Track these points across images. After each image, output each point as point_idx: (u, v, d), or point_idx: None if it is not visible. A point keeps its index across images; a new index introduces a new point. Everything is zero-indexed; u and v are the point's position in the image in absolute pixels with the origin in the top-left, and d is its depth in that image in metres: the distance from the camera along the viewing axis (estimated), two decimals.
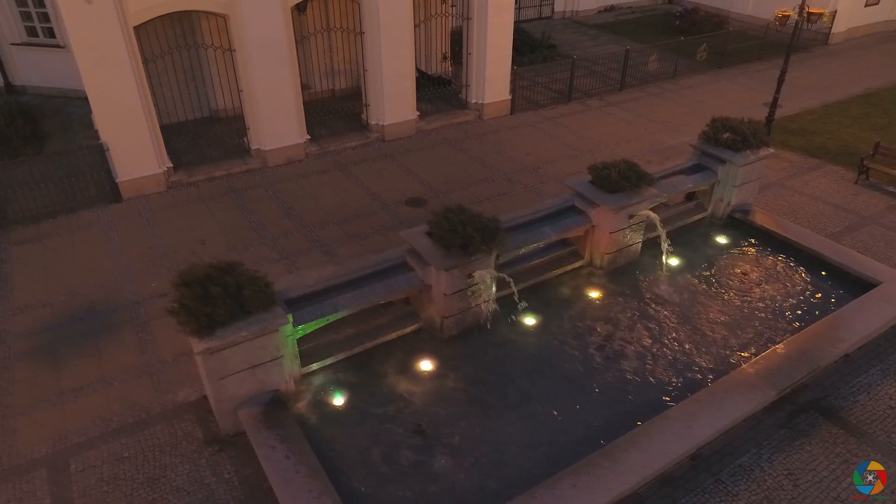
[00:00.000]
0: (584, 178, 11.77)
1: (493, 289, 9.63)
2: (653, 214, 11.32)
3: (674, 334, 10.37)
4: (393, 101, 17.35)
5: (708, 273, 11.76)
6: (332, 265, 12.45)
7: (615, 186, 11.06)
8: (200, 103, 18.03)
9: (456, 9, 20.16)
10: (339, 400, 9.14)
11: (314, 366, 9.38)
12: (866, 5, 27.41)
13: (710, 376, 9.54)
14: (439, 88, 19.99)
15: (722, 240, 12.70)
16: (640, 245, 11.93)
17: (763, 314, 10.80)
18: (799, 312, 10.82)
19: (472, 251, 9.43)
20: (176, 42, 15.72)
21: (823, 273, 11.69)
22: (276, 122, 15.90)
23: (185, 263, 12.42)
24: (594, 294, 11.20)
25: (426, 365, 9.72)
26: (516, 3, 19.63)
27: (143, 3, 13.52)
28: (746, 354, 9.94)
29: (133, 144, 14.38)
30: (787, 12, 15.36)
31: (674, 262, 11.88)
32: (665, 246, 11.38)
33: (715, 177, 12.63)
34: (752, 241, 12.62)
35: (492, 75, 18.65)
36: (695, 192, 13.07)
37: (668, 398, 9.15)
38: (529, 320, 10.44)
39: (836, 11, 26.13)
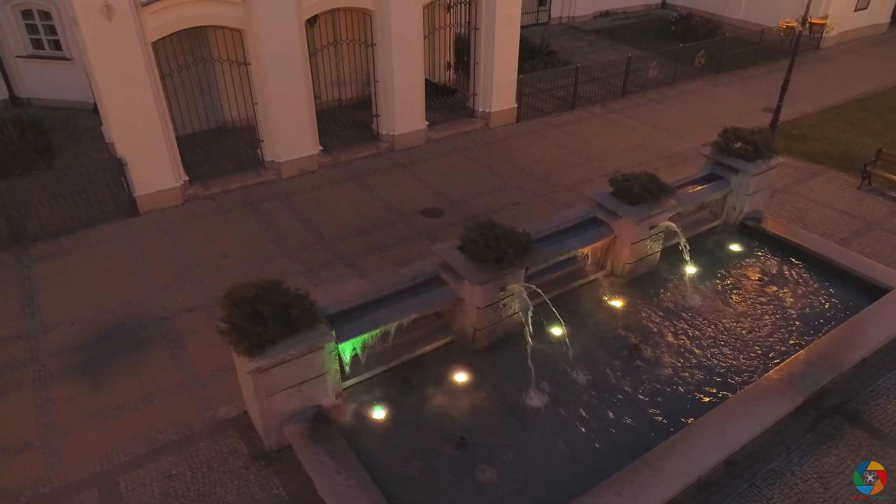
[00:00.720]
0: (604, 189, 12.05)
1: (528, 301, 9.84)
2: (674, 225, 11.62)
3: (699, 341, 10.68)
4: (403, 112, 17.55)
5: (726, 280, 12.09)
6: (358, 278, 12.64)
7: (637, 198, 11.35)
8: (210, 115, 18.09)
9: (457, 18, 20.39)
10: (379, 413, 9.34)
11: (353, 380, 9.57)
12: (855, 10, 28.04)
13: (738, 381, 9.85)
14: (445, 97, 20.23)
15: (736, 247, 13.04)
16: (658, 254, 12.24)
17: (781, 320, 11.14)
18: (815, 318, 11.18)
19: (505, 265, 9.67)
20: (190, 56, 15.77)
21: (836, 279, 12.04)
22: (291, 133, 16.04)
23: (209, 278, 12.73)
24: (618, 303, 11.48)
25: (461, 377, 9.94)
26: None
27: (161, 19, 13.61)
28: (770, 360, 10.26)
29: (151, 159, 14.46)
30: (791, 23, 15.79)
31: (691, 270, 12.18)
32: (686, 256, 11.67)
33: (728, 186, 12.97)
34: (765, 248, 12.97)
35: (499, 84, 18.92)
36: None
37: (699, 405, 9.44)
38: (557, 330, 10.68)
39: (826, 16, 26.69)
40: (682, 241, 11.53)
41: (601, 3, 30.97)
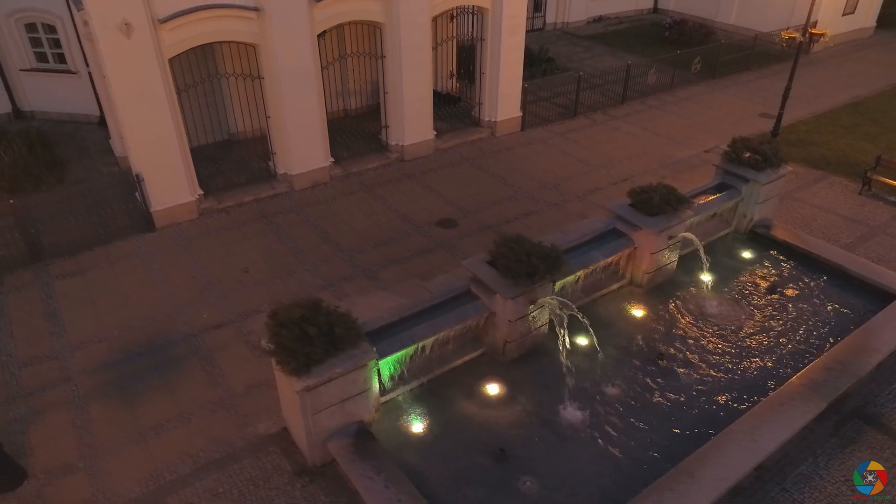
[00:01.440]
0: (621, 200, 12.34)
1: (562, 314, 10.09)
2: (691, 236, 11.94)
3: (722, 348, 11.00)
4: (412, 122, 17.75)
5: (742, 288, 12.42)
6: (381, 291, 12.84)
7: (657, 210, 11.66)
8: (217, 127, 18.12)
9: (460, 27, 20.63)
10: (417, 427, 9.53)
11: (391, 395, 9.75)
12: (843, 14, 28.68)
13: (763, 386, 10.17)
14: (449, 106, 20.42)
15: (748, 255, 13.40)
16: (675, 263, 12.56)
17: (797, 326, 11.50)
18: (830, 324, 11.55)
19: (537, 280, 9.92)
20: (204, 72, 15.84)
21: (846, 284, 12.43)
22: (303, 146, 16.17)
23: (233, 293, 12.85)
24: (640, 312, 11.78)
25: (494, 388, 10.17)
26: None
27: (178, 36, 13.68)
28: (790, 366, 10.60)
29: (167, 174, 14.52)
30: (794, 34, 16.24)
31: (706, 277, 12.50)
32: (705, 264, 12.00)
33: (740, 195, 13.32)
34: (776, 255, 13.32)
35: (504, 93, 19.18)
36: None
37: (727, 411, 9.75)
38: (585, 340, 10.93)
39: (815, 21, 27.34)
40: (701, 251, 11.85)
41: (595, 9, 31.35)
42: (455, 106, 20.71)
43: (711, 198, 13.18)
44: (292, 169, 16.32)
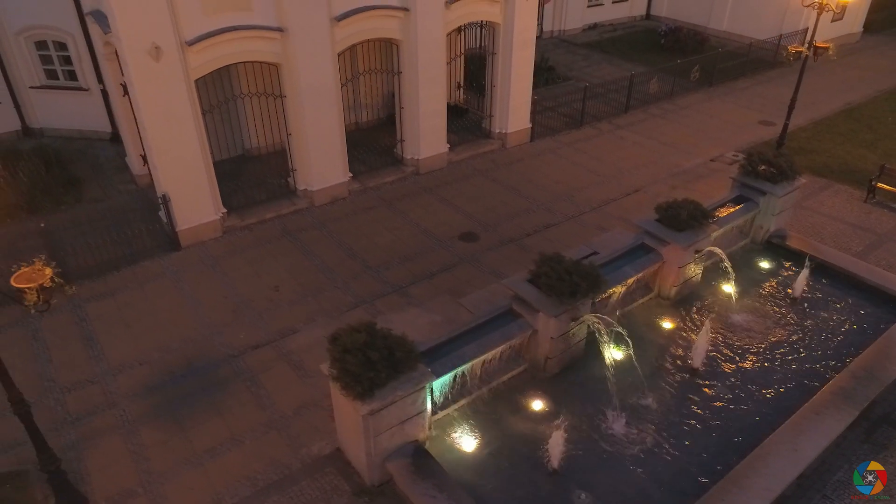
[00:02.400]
0: (648, 216, 12.72)
1: (604, 329, 10.42)
2: (718, 250, 12.35)
3: (752, 357, 11.41)
4: (427, 137, 18.00)
5: (763, 298, 12.85)
6: (414, 307, 13.12)
7: (684, 225, 12.04)
8: (232, 143, 18.21)
9: (467, 39, 20.96)
10: (468, 443, 9.80)
11: (441, 413, 10.01)
12: (832, 20, 29.43)
13: (796, 395, 10.58)
14: (458, 117, 20.70)
15: (766, 265, 13.85)
16: (700, 275, 12.96)
17: (822, 335, 11.96)
18: (852, 332, 12.03)
19: (579, 297, 10.24)
20: (224, 91, 15.95)
21: (863, 293, 12.91)
22: (324, 162, 16.34)
23: (267, 312, 13.02)
24: (669, 325, 12.15)
25: (539, 404, 10.47)
26: None
27: (204, 57, 13.79)
28: (819, 374, 11.04)
29: (193, 193, 14.62)
30: (800, 48, 16.78)
31: (730, 288, 12.91)
32: (731, 276, 12.41)
33: (757, 208, 13.77)
34: (792, 264, 13.77)
35: (515, 106, 19.50)
36: None
37: (766, 420, 10.14)
38: (618, 353, 11.27)
39: (806, 29, 28.09)
40: (728, 264, 12.26)
41: (590, 16, 31.82)
42: (463, 117, 21.02)
43: (731, 210, 13.61)
44: (312, 185, 16.48)
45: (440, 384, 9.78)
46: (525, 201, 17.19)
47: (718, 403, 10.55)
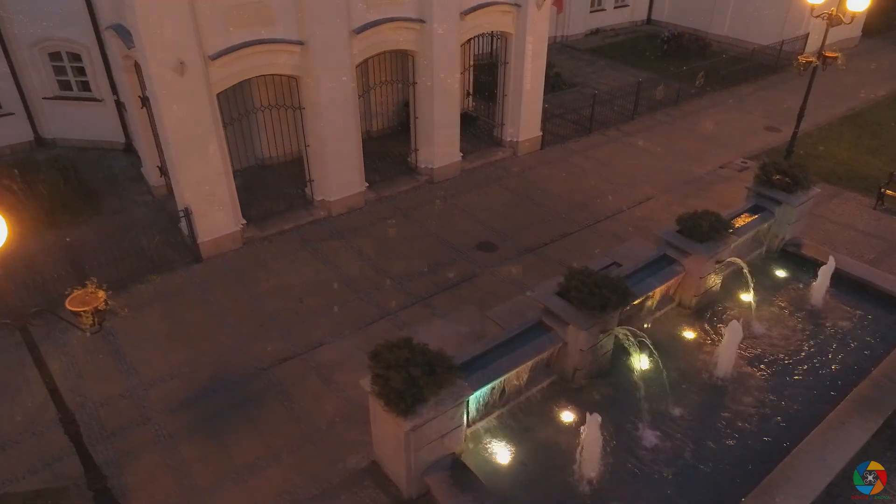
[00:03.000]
0: (669, 227, 12.93)
1: (633, 340, 10.63)
2: (738, 260, 12.59)
3: (775, 366, 11.63)
4: (442, 145, 18.17)
5: (782, 306, 13.08)
6: (438, 319, 13.30)
7: (706, 236, 12.26)
8: (249, 153, 18.30)
9: (474, 49, 21.10)
10: (502, 455, 9.97)
11: (476, 426, 10.18)
12: (833, 25, 29.73)
13: (821, 403, 10.82)
14: (468, 125, 20.84)
15: (782, 273, 14.09)
16: (719, 285, 13.19)
17: (842, 342, 12.20)
18: (871, 339, 12.28)
19: (608, 311, 10.44)
20: (243, 105, 16.04)
21: (878, 300, 13.16)
22: (341, 173, 16.49)
23: (294, 325, 13.15)
24: (691, 334, 12.38)
25: (569, 416, 10.66)
26: None
27: (226, 71, 13.91)
28: (841, 382, 11.28)
29: (215, 206, 14.73)
30: (810, 59, 17.06)
31: (749, 297, 13.14)
32: (750, 285, 12.64)
33: (773, 217, 14.01)
34: (808, 273, 14.00)
35: (527, 114, 19.70)
36: None
37: (793, 427, 10.36)
38: (645, 363, 11.48)
39: (807, 34, 28.47)
40: (748, 273, 12.49)
41: (592, 21, 32.07)
42: (474, 125, 21.19)
43: (748, 220, 13.83)
44: (330, 195, 16.62)
45: (475, 397, 9.94)
46: (539, 210, 17.38)
47: (744, 413, 10.76)
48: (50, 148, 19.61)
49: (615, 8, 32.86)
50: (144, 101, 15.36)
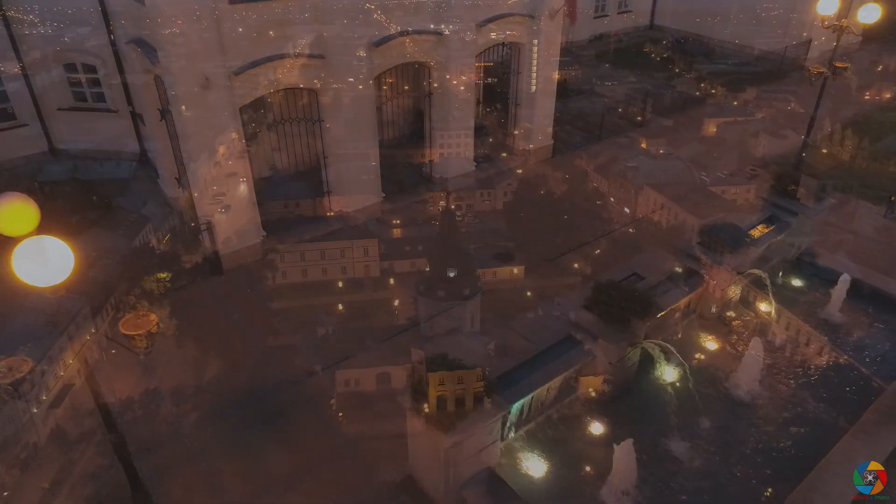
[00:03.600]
0: (692, 238, 13.16)
1: (662, 353, 10.84)
2: (758, 272, 12.80)
3: (798, 374, 11.85)
4: (457, 156, 18.32)
5: (802, 315, 13.26)
6: (463, 332, 13.41)
7: (727, 249, 12.45)
8: (263, 164, 18.37)
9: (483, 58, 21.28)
10: (536, 468, 10.13)
11: (508, 439, 10.34)
12: (833, 31, 30.03)
13: (843, 410, 11.03)
14: (481, 135, 20.94)
15: (798, 282, 14.31)
16: (738, 294, 13.39)
17: (861, 350, 12.42)
18: (890, 349, 12.51)
19: (636, 324, 10.62)
20: (261, 118, 16.16)
21: (894, 308, 13.42)
22: (360, 185, 16.64)
23: (321, 339, 13.21)
24: (714, 345, 12.57)
25: (598, 427, 10.83)
26: None
27: (248, 86, 14.03)
28: (862, 388, 11.50)
29: (237, 218, 14.83)
30: (821, 69, 17.29)
31: (766, 307, 13.34)
32: (770, 294, 12.85)
33: (791, 228, 14.22)
34: (824, 282, 14.22)
35: (538, 123, 19.89)
36: None
37: (818, 436, 10.56)
38: (670, 375, 11.66)
39: (810, 40, 28.82)
40: (768, 283, 12.70)
41: (596, 27, 32.29)
42: (484, 134, 21.30)
43: (765, 230, 14.04)
44: (348, 206, 16.75)
45: (510, 411, 10.09)
46: (553, 219, 17.56)
47: (770, 423, 10.96)
48: (64, 158, 19.60)
49: (619, 13, 33.08)
50: (163, 114, 15.42)
